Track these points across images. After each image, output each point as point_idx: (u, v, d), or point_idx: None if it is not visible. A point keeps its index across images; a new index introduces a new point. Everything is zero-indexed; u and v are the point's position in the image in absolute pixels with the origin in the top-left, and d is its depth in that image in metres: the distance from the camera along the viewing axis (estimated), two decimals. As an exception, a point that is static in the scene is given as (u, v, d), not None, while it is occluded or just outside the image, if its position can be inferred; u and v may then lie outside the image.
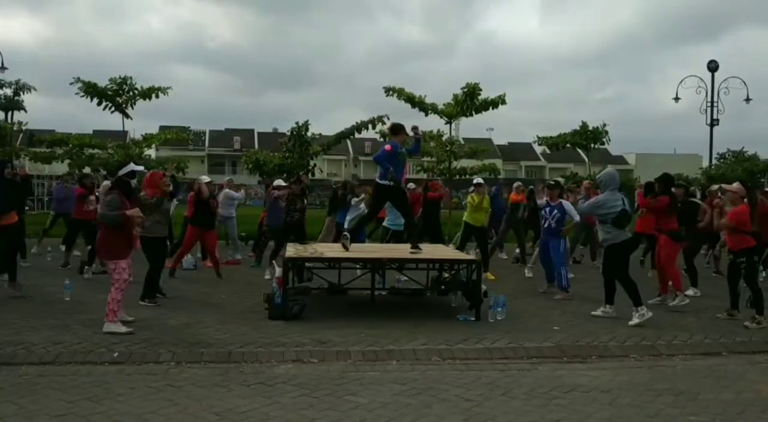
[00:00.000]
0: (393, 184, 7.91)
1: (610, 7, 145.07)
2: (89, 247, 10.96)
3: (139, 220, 6.85)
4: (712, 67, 23.30)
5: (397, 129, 8.17)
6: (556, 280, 9.36)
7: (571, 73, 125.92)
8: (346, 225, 10.94)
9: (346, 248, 8.05)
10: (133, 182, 6.99)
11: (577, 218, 9.68)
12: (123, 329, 6.49)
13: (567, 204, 9.68)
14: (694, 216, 9.46)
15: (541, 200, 9.90)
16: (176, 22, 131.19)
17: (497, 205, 12.55)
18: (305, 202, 11.01)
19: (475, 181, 11.41)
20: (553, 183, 10.08)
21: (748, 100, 23.78)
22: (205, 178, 10.74)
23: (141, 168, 7.52)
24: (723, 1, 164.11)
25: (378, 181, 8.08)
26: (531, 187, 12.44)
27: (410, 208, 9.06)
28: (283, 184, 11.56)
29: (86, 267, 10.26)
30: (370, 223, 8.75)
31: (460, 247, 11.00)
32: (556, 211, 9.41)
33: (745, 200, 7.66)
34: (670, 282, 8.53)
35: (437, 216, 12.26)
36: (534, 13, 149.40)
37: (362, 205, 11.26)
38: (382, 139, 18.00)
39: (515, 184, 13.21)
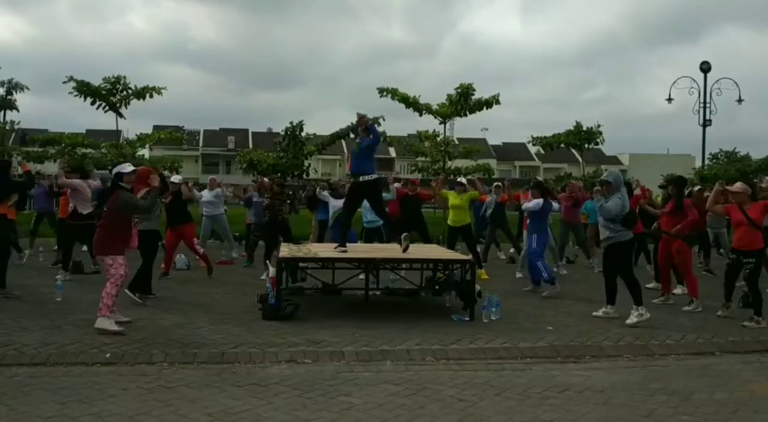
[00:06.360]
0: (370, 181, 8.00)
1: (590, 8, 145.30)
2: (84, 248, 10.91)
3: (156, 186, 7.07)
4: (704, 68, 23.41)
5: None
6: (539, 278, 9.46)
7: (555, 73, 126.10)
8: (330, 222, 11.19)
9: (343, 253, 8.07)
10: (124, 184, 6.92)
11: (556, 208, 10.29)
12: (114, 328, 6.45)
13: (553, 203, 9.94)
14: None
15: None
16: (160, 22, 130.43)
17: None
18: (288, 201, 11.27)
19: (457, 180, 11.73)
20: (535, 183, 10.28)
21: (740, 100, 23.89)
22: (177, 178, 10.49)
23: (131, 169, 7.40)
24: (702, 2, 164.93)
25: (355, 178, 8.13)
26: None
27: (384, 207, 8.98)
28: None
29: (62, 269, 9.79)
30: (349, 221, 8.64)
31: (449, 249, 10.98)
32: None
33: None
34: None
35: (418, 213, 12.08)
36: (515, 14, 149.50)
37: (331, 199, 11.55)
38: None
39: (495, 184, 13.28)
